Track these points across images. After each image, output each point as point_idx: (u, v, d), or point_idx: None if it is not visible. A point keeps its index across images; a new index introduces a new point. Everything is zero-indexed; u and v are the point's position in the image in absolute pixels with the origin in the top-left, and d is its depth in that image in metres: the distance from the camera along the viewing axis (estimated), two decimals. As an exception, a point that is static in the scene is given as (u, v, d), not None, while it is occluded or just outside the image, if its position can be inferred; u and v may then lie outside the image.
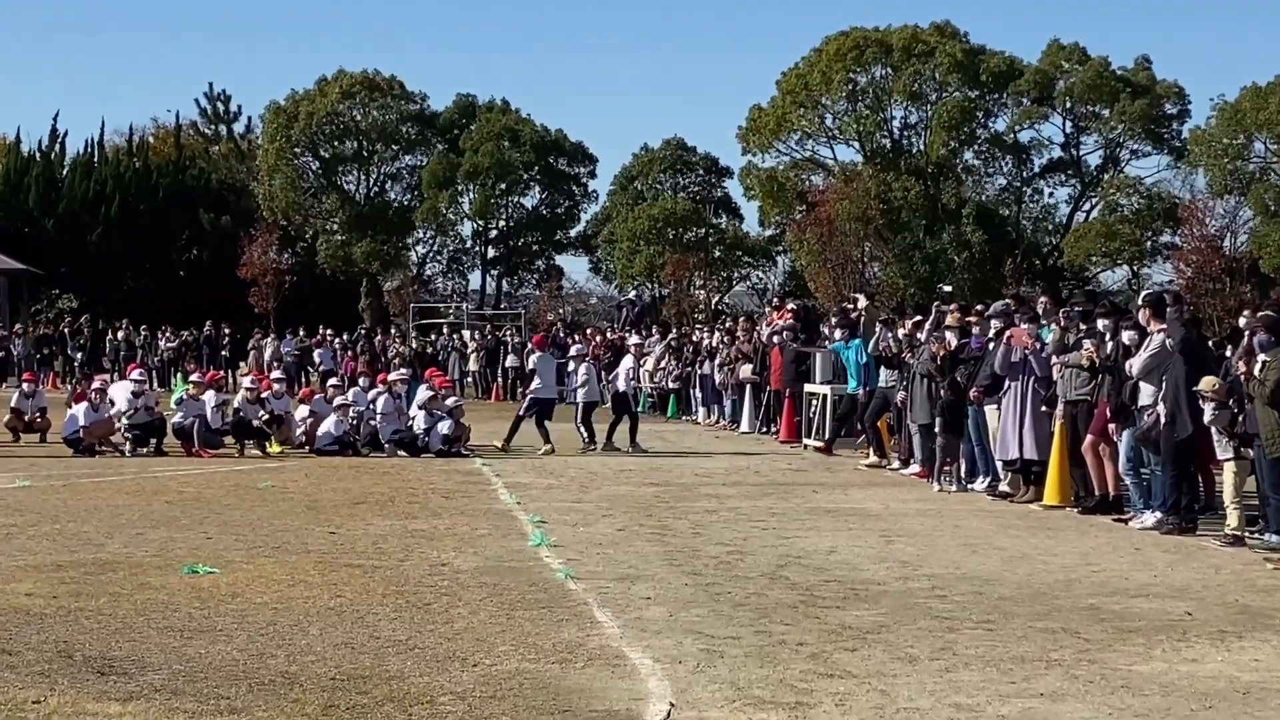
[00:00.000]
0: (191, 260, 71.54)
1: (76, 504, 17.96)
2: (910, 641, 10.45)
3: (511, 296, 75.74)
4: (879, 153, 66.83)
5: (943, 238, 64.54)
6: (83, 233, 68.11)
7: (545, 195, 74.74)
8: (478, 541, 15.20)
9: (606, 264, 73.58)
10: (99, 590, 11.92)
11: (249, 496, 19.08)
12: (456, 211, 73.33)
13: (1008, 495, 19.61)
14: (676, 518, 17.05)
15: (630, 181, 72.59)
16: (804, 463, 25.32)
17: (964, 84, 65.22)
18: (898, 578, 13.19)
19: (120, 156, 74.17)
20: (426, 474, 22.48)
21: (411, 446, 25.84)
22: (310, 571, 13.00)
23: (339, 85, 71.95)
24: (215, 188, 75.20)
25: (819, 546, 15.07)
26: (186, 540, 14.88)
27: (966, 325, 21.39)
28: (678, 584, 12.71)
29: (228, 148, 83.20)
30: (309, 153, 73.46)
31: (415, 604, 11.61)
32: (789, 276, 71.77)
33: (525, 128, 72.81)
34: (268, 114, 73.13)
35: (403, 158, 75.26)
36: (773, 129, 66.90)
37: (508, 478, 21.84)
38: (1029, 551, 14.96)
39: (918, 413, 22.05)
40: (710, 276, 69.06)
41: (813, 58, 66.32)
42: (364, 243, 71.09)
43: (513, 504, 18.58)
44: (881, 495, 20.16)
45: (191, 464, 23.77)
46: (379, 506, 18.19)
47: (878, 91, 66.25)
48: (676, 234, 68.99)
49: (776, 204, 67.09)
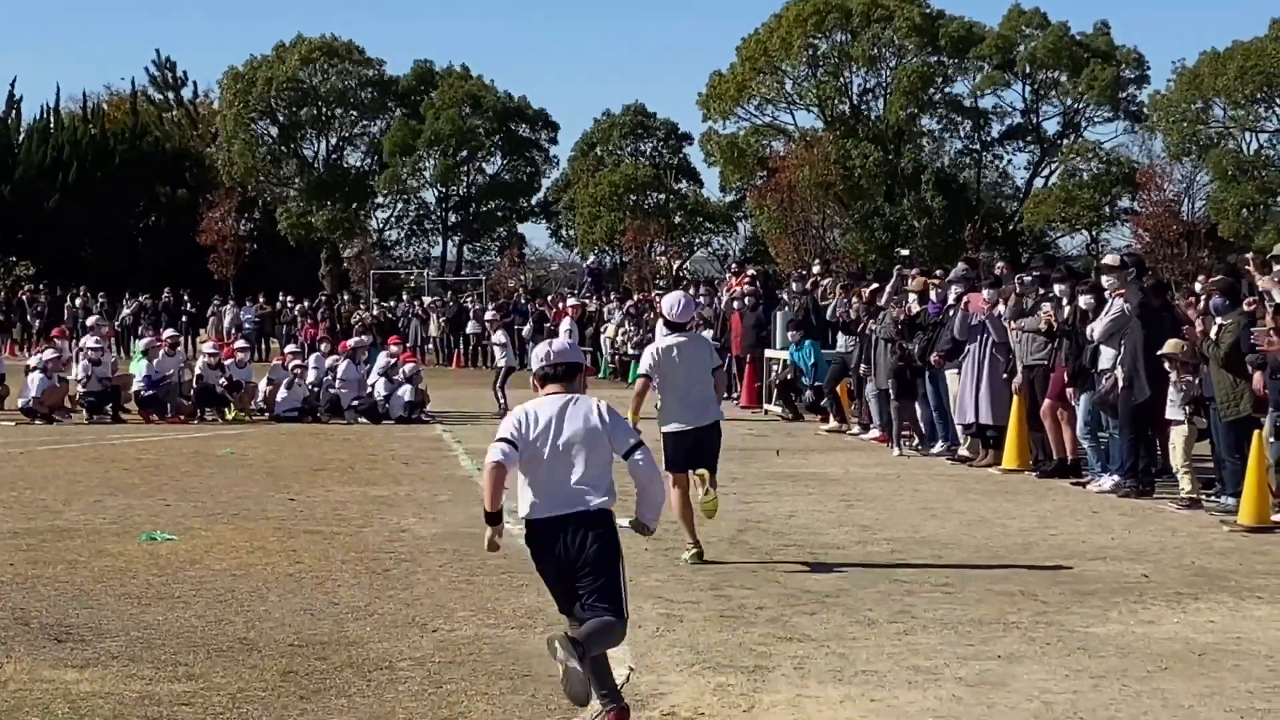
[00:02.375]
0: (149, 227, 71.18)
1: (34, 471, 17.88)
2: (869, 605, 10.49)
3: (473, 264, 75.56)
4: (839, 118, 66.81)
5: (903, 204, 64.58)
6: (40, 199, 67.62)
7: (506, 162, 74.56)
8: (438, 508, 15.19)
9: (568, 230, 73.47)
10: (56, 558, 11.88)
11: (208, 464, 19.04)
12: (418, 178, 73.09)
13: (966, 459, 19.68)
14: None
15: (591, 148, 72.44)
16: (764, 428, 25.34)
17: (923, 49, 65.17)
18: (857, 541, 13.24)
19: (76, 124, 73.68)
20: (387, 441, 22.46)
21: (372, 413, 25.80)
22: (269, 538, 12.98)
23: (298, 51, 71.52)
24: (170, 155, 74.75)
25: (780, 511, 15.11)
26: (145, 507, 14.84)
27: (926, 290, 21.43)
28: (637, 549, 12.65)
29: (181, 114, 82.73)
30: (267, 118, 73.06)
31: (374, 570, 11.61)
32: (750, 242, 71.79)
33: (486, 94, 72.57)
34: (225, 79, 72.69)
35: (361, 124, 74.92)
36: (733, 95, 66.77)
37: (469, 444, 21.79)
38: (987, 515, 15.02)
39: (879, 378, 22.10)
40: (671, 242, 69.00)
41: (773, 23, 66.19)
42: (324, 209, 70.78)
43: (474, 470, 18.51)
44: (841, 460, 20.21)
45: (150, 431, 23.68)
46: (339, 473, 18.18)
47: (837, 57, 66.19)
48: (637, 200, 68.92)
49: (737, 170, 67.01)
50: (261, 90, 70.81)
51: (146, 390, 25.40)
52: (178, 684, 8.23)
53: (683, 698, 8.15)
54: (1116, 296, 16.82)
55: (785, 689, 8.32)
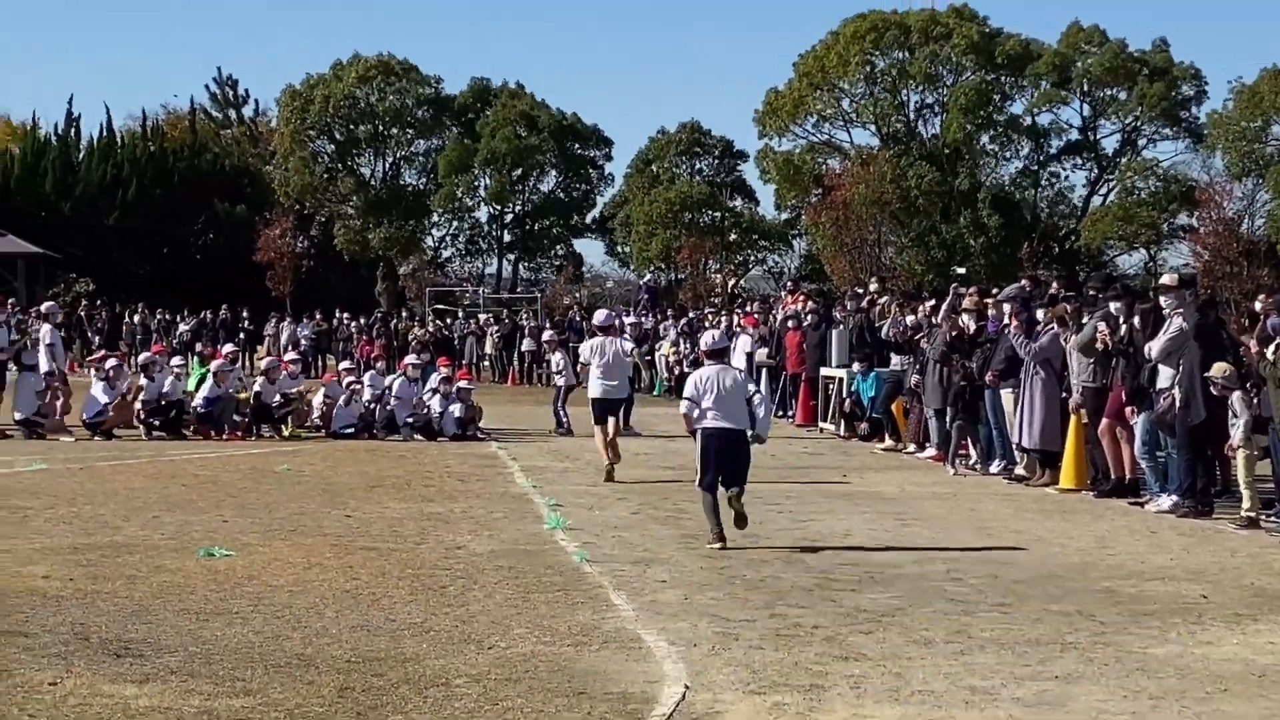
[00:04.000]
0: (207, 244, 71.63)
1: (93, 487, 17.99)
2: (926, 624, 10.45)
3: (528, 281, 75.72)
4: (895, 136, 66.70)
5: (959, 222, 64.39)
6: (99, 216, 68.16)
7: (562, 179, 74.72)
8: (493, 525, 15.21)
9: (623, 248, 73.53)
10: (115, 573, 11.94)
11: (265, 480, 19.11)
12: (473, 196, 73.35)
13: (1023, 478, 19.59)
14: (692, 501, 16.95)
15: (647, 165, 72.51)
16: (820, 447, 25.29)
17: (980, 66, 65.05)
18: (913, 561, 13.18)
19: (135, 141, 74.24)
20: (443, 457, 22.51)
21: (427, 430, 25.88)
22: (326, 554, 13.02)
23: (354, 69, 71.91)
24: (229, 172, 75.23)
25: (835, 530, 15.07)
26: (203, 523, 14.90)
27: (983, 309, 21.38)
28: (693, 567, 12.71)
29: (240, 132, 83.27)
30: (324, 136, 73.44)
31: (431, 587, 11.63)
32: (805, 260, 71.70)
33: (541, 112, 72.77)
34: (283, 98, 73.17)
35: (418, 141, 75.23)
36: (789, 112, 66.77)
37: (524, 461, 21.86)
38: (1045, 535, 14.95)
39: (932, 397, 22.05)
40: (727, 260, 69.00)
41: (830, 40, 66.20)
42: (380, 227, 71.09)
43: (529, 487, 18.59)
44: (897, 479, 20.16)
45: (208, 447, 23.79)
46: (395, 490, 18.22)
47: (895, 74, 66.09)
48: (692, 217, 68.93)
49: (793, 188, 66.98)
50: (319, 108, 71.21)
51: (204, 408, 25.54)
52: (235, 699, 8.27)
53: (738, 717, 8.14)
54: (1175, 315, 16.73)
55: (841, 709, 8.30)
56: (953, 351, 21.14)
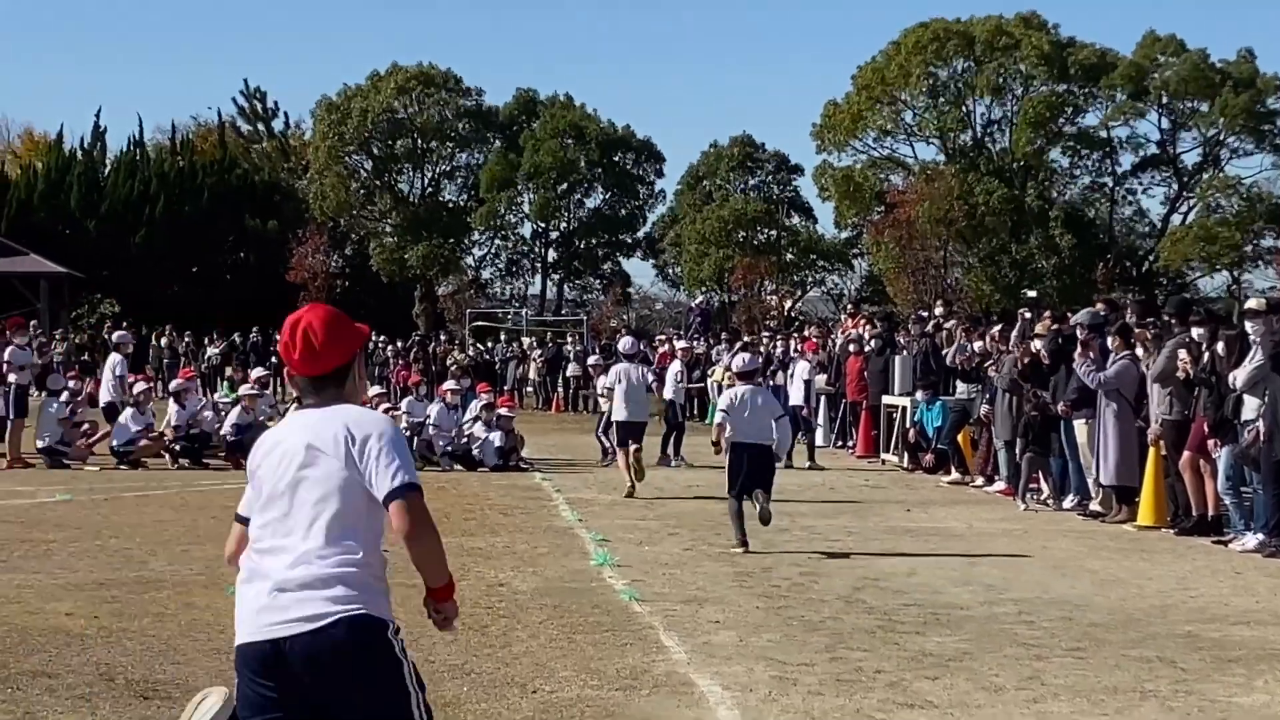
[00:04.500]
0: (238, 263, 71.98)
1: (119, 519, 18.08)
2: (995, 670, 10.40)
3: (574, 302, 75.83)
4: (961, 151, 66.61)
5: (1029, 241, 64.22)
6: (125, 234, 68.55)
7: (609, 196, 74.81)
8: (537, 560, 15.22)
9: (673, 268, 73.56)
10: (142, 610, 11.99)
11: (298, 512, 19.11)
12: (516, 213, 73.54)
13: (1099, 514, 19.49)
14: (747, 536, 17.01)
15: (698, 181, 72.59)
16: (882, 479, 25.23)
17: (1051, 78, 64.88)
18: (982, 602, 13.12)
19: (164, 155, 74.66)
20: (483, 489, 22.53)
21: (467, 459, 25.92)
22: (362, 591, 13.01)
23: (393, 80, 72.16)
24: (261, 188, 75.60)
25: (898, 568, 15.01)
26: (233, 558, 14.93)
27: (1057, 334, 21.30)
28: (748, 607, 12.69)
29: (271, 146, 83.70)
30: (361, 151, 73.74)
31: (471, 626, 11.62)
32: (866, 281, 71.63)
33: (589, 124, 72.88)
34: (318, 110, 73.45)
35: (459, 155, 75.48)
36: (849, 126, 66.79)
37: (569, 493, 21.87)
38: (1122, 575, 14.86)
39: (1001, 428, 21.97)
40: (783, 281, 68.97)
41: (891, 51, 66.21)
42: (419, 245, 71.23)
43: (574, 521, 18.59)
44: (964, 514, 20.08)
45: (238, 477, 23.85)
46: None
47: (959, 86, 66.04)
48: (747, 236, 68.94)
49: (853, 205, 66.95)
50: (356, 121, 71.46)
51: (233, 435, 25.64)
52: (268, 745, 8.28)
53: (797, 767, 8.12)
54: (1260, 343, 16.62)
55: (906, 759, 8.27)
56: (1024, 380, 21.06)
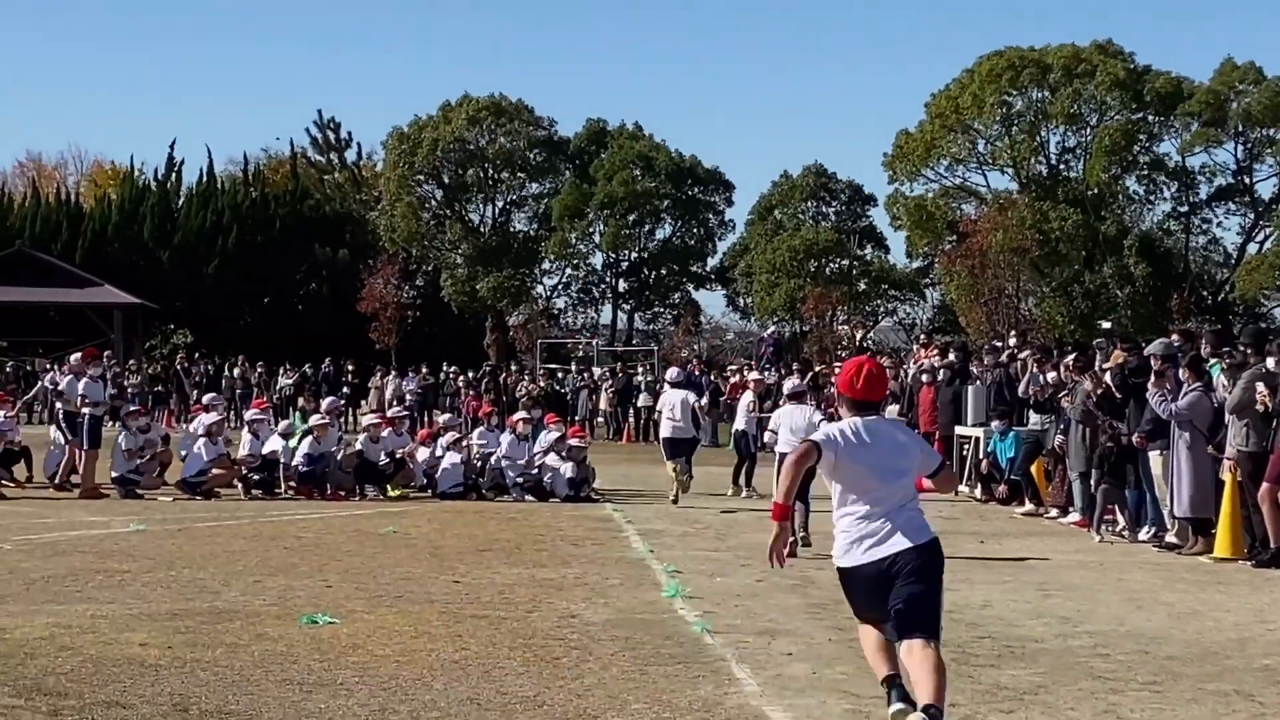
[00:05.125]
0: (309, 293, 72.39)
1: (192, 549, 18.19)
2: (1070, 704, 10.34)
3: (644, 333, 75.86)
4: (1035, 180, 66.34)
5: (1104, 271, 63.87)
6: (198, 265, 69.11)
7: (680, 225, 74.83)
8: (609, 592, 15.22)
9: (744, 298, 73.51)
10: (215, 640, 12.06)
11: (370, 542, 19.23)
12: (587, 243, 73.68)
13: (1175, 546, 19.35)
14: (819, 568, 16.96)
15: (769, 211, 72.53)
16: (955, 510, 25.10)
17: (1127, 106, 64.55)
18: (1057, 634, 13.05)
19: (236, 186, 75.25)
20: (555, 519, 22.56)
21: (538, 490, 25.95)
22: (434, 622, 13.08)
23: (464, 110, 72.48)
24: (332, 218, 76.04)
25: (972, 600, 14.95)
26: (306, 588, 15.03)
27: (1123, 367, 21.19)
28: (821, 639, 12.65)
29: (343, 176, 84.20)
30: (432, 181, 74.06)
31: (543, 658, 11.65)
32: (938, 311, 71.39)
33: (659, 154, 72.97)
34: (390, 140, 73.83)
35: (529, 185, 75.71)
36: (921, 155, 66.66)
37: (640, 524, 21.87)
38: (1198, 607, 14.75)
39: (1075, 459, 21.86)
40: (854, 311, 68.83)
41: (964, 79, 66.06)
42: (489, 275, 71.43)
43: (645, 552, 18.59)
44: (1038, 545, 19.98)
45: (310, 508, 24.00)
46: (505, 554, 18.27)
47: (1034, 114, 65.79)
48: (818, 266, 68.83)
49: (925, 234, 66.79)
50: (427, 151, 71.79)
51: (305, 466, 25.77)
52: (341, 776, 8.33)
53: (871, 801, 8.10)
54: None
55: (981, 793, 8.24)
56: (1098, 410, 20.95)
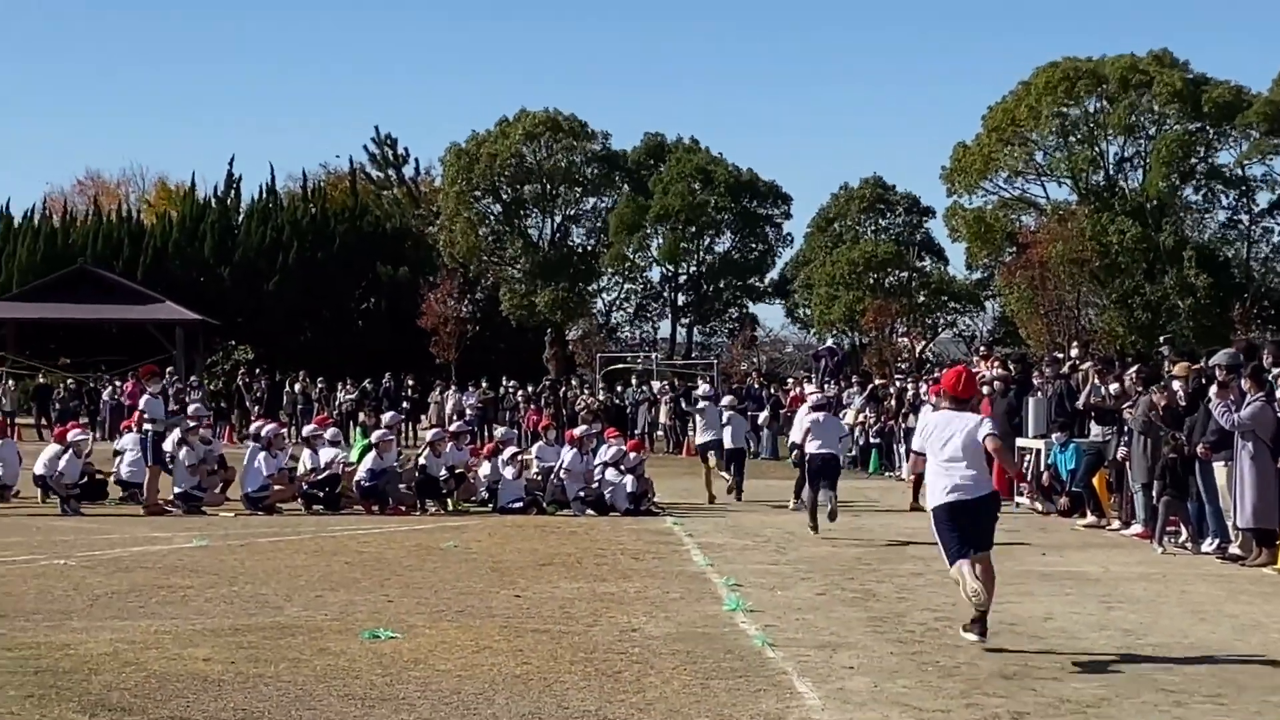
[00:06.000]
0: (369, 309, 72.65)
1: (254, 564, 18.28)
2: (1135, 716, 10.29)
3: (703, 346, 75.82)
4: (1093, 191, 66.02)
5: (1164, 281, 63.47)
6: (259, 281, 69.47)
7: (738, 238, 74.79)
8: (669, 606, 15.21)
9: (803, 310, 73.37)
10: (278, 655, 12.11)
11: (431, 557, 19.27)
12: (644, 257, 73.72)
13: (1239, 558, 19.22)
14: (880, 581, 16.96)
15: (828, 223, 72.39)
16: (1016, 522, 24.99)
17: (1185, 116, 64.17)
18: (1120, 647, 12.98)
19: (296, 203, 75.63)
20: (615, 534, 22.57)
21: (599, 504, 25.97)
22: (495, 637, 13.10)
23: (521, 126, 72.65)
24: (390, 234, 76.31)
25: (1034, 613, 14.88)
26: (367, 603, 15.08)
27: (1190, 377, 21.07)
28: (882, 652, 12.62)
29: (401, 193, 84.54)
30: (490, 196, 74.24)
31: (605, 672, 11.65)
32: (998, 323, 71.10)
33: (717, 168, 72.95)
34: (447, 157, 74.05)
35: (587, 200, 75.81)
36: (979, 167, 66.41)
37: (700, 538, 21.86)
38: (1263, 619, 14.66)
39: (1137, 470, 21.74)
40: (914, 323, 68.63)
41: (1021, 91, 65.78)
42: (548, 289, 71.55)
43: (706, 566, 18.57)
44: (1100, 557, 19.87)
45: (371, 522, 24.09)
46: (566, 568, 18.29)
47: (1091, 125, 65.48)
48: (877, 278, 68.65)
49: (984, 246, 66.52)
50: (484, 167, 71.97)
51: (367, 481, 25.85)
52: (404, 790, 8.35)
53: (934, 815, 8.07)
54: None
55: (1045, 807, 8.20)
56: (1161, 422, 20.83)
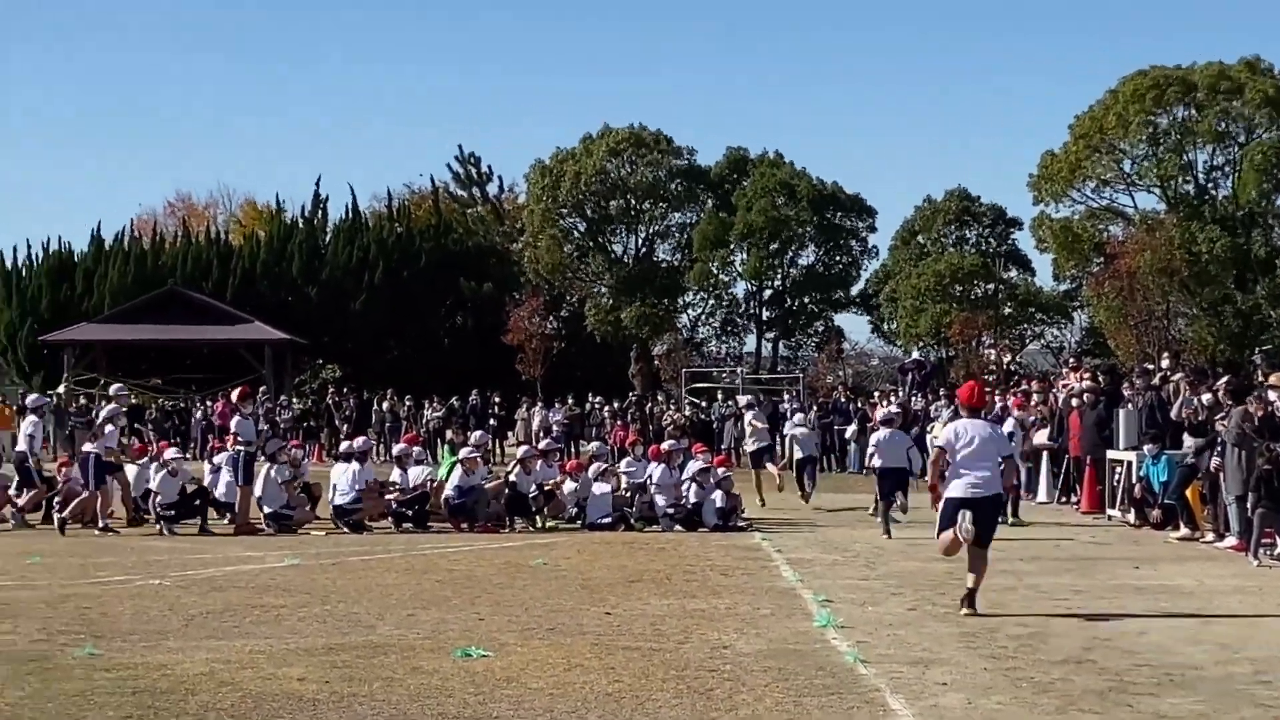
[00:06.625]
0: (455, 327, 72.94)
1: (346, 583, 18.40)
2: (1232, 733, 10.21)
3: (788, 360, 75.67)
4: (1182, 199, 65.45)
5: (1256, 291, 62.85)
6: (346, 300, 69.88)
7: (822, 252, 74.63)
8: (760, 622, 15.21)
9: (889, 323, 73.11)
10: (371, 675, 12.19)
11: (521, 574, 19.34)
12: (729, 271, 73.66)
13: (1336, 571, 19.05)
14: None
15: (912, 236, 72.09)
16: (1108, 536, 24.84)
17: (1276, 123, 63.53)
18: (1216, 661, 12.88)
19: (381, 222, 76.08)
20: (704, 549, 22.57)
21: (688, 520, 25.98)
22: (586, 654, 13.13)
23: (605, 142, 72.75)
24: (475, 252, 76.61)
25: (1128, 628, 14.79)
26: (459, 621, 15.15)
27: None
28: (975, 668, 12.57)
29: (485, 210, 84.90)
30: (574, 213, 74.37)
31: (697, 690, 11.66)
32: (1086, 334, 70.60)
33: (801, 181, 72.84)
34: (532, 174, 74.27)
35: (671, 215, 75.80)
36: (1066, 177, 65.94)
37: (789, 553, 21.83)
38: (1362, 633, 14.52)
39: (1231, 482, 21.56)
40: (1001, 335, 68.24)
41: (1108, 100, 65.30)
42: (633, 305, 71.59)
43: (795, 581, 18.55)
44: (1195, 571, 19.71)
45: (461, 540, 24.19)
46: (655, 585, 18.31)
47: (1180, 133, 64.93)
48: (963, 290, 68.32)
49: (1071, 256, 66.04)
50: (569, 184, 72.12)
51: (456, 498, 25.97)
52: (499, 809, 8.39)
53: (1031, 833, 8.04)
54: None
55: (1143, 825, 8.15)
56: (1255, 433, 20.65)
